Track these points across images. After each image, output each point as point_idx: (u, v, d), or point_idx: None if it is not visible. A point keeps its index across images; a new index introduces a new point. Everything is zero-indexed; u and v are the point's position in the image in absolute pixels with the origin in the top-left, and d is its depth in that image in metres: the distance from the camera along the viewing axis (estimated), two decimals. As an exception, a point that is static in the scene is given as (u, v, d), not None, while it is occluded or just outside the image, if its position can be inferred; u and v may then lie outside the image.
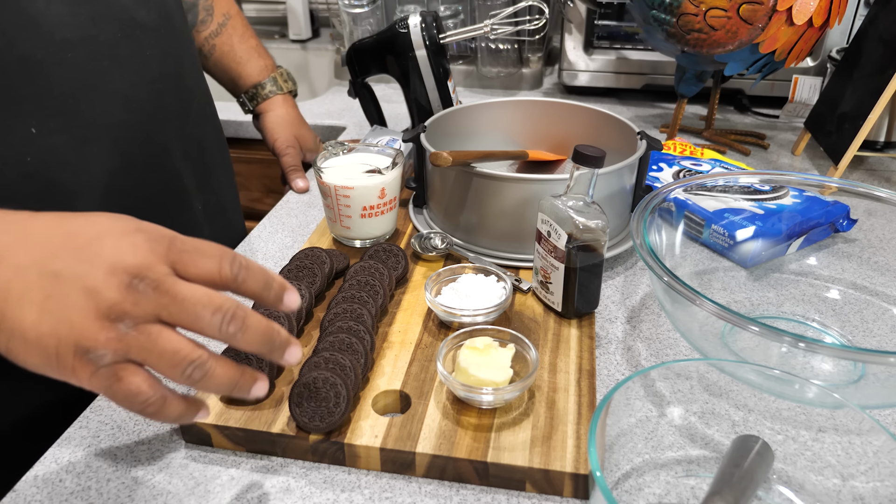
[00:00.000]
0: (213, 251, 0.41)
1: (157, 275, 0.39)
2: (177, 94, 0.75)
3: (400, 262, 0.71)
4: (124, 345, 0.38)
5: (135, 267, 0.38)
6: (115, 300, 0.38)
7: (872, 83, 0.90)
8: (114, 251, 0.39)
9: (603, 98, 1.29)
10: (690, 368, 0.53)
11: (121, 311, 0.38)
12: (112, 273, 0.38)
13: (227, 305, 0.40)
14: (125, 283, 0.38)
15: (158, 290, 0.38)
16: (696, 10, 0.89)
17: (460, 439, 0.51)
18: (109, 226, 0.41)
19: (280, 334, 0.42)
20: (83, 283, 0.38)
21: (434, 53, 0.91)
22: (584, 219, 0.60)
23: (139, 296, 0.38)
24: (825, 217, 0.77)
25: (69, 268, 0.38)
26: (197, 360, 0.39)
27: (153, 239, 0.40)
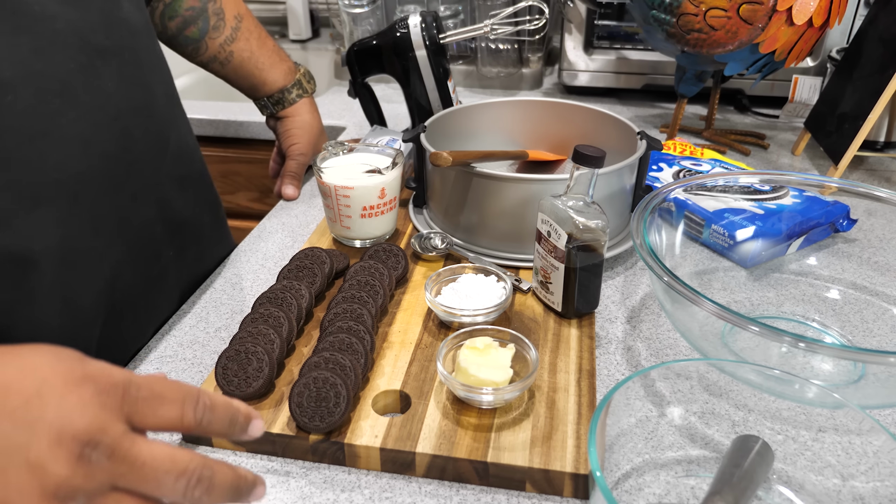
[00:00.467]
0: (174, 395, 0.36)
1: (111, 439, 0.33)
2: (149, 130, 0.66)
3: (400, 262, 0.71)
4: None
5: (85, 432, 0.32)
6: (63, 476, 0.32)
7: (872, 83, 0.90)
8: (59, 412, 0.32)
9: (603, 98, 1.29)
10: (690, 368, 0.53)
11: (71, 487, 0.32)
12: (58, 443, 0.32)
13: (192, 467, 0.35)
14: (75, 453, 0.32)
15: (114, 458, 0.33)
16: (696, 10, 0.89)
17: (460, 439, 0.51)
18: (49, 375, 0.34)
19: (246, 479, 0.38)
20: (24, 456, 0.32)
21: (434, 53, 0.91)
22: (584, 219, 0.60)
23: (92, 467, 0.32)
24: (825, 217, 0.77)
25: (5, 437, 0.32)
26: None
27: (103, 391, 0.34)
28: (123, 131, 0.62)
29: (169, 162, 0.70)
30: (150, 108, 0.67)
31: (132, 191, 0.64)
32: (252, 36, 0.90)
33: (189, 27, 0.84)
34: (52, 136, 0.55)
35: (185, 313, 0.70)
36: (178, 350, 0.64)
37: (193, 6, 0.83)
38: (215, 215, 0.82)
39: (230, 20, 0.87)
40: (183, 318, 0.69)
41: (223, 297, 0.72)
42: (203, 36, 0.86)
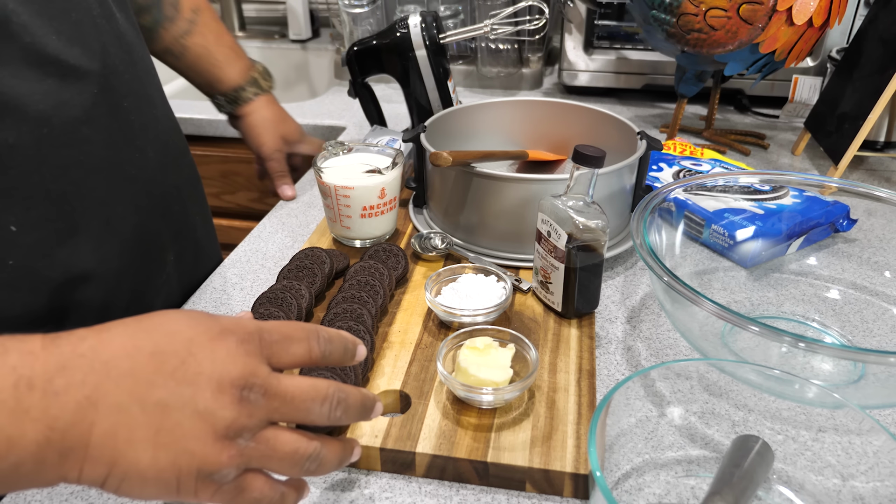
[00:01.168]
0: (300, 334, 0.40)
1: (262, 380, 0.37)
2: (158, 144, 0.68)
3: (400, 262, 0.71)
4: (246, 458, 0.37)
5: (240, 377, 0.37)
6: (231, 418, 0.36)
7: (872, 83, 0.90)
8: (213, 365, 0.36)
9: (603, 98, 1.29)
10: (690, 368, 0.53)
11: (239, 426, 0.36)
12: (220, 390, 0.36)
13: (331, 392, 0.40)
14: (236, 397, 0.36)
15: (268, 395, 0.37)
16: (696, 10, 0.89)
17: (460, 439, 0.51)
18: (194, 335, 0.38)
19: (369, 398, 0.43)
20: (193, 408, 0.36)
21: (434, 53, 0.91)
22: (584, 219, 0.60)
23: (252, 406, 0.37)
24: (825, 217, 0.77)
25: (173, 395, 0.36)
26: (313, 454, 0.39)
27: (244, 340, 0.38)
28: (140, 151, 0.65)
29: (173, 173, 0.72)
30: (156, 121, 0.69)
31: (148, 208, 0.67)
32: (209, 31, 0.88)
33: (143, 15, 0.83)
34: (83, 165, 0.57)
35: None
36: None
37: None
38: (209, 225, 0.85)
39: (186, 13, 0.86)
40: (183, 318, 0.69)
41: (223, 297, 0.72)
42: (157, 26, 0.84)
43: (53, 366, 0.34)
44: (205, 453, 0.35)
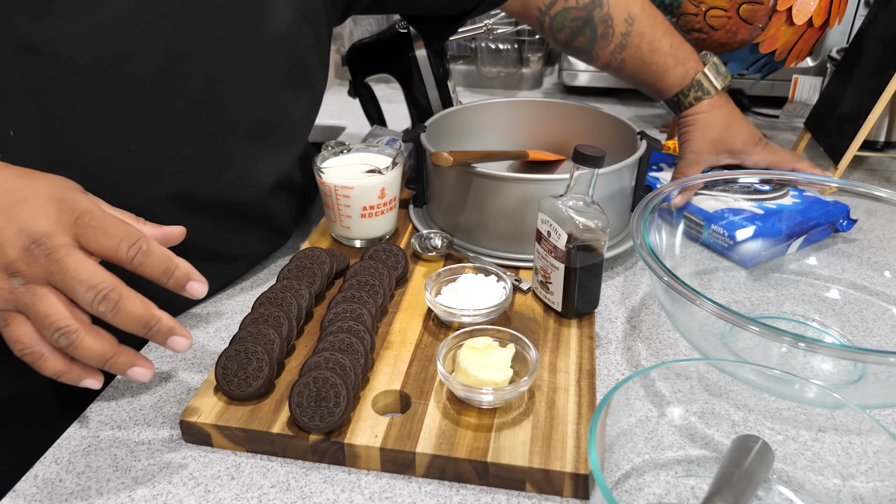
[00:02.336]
0: (117, 231, 0.46)
1: (52, 244, 0.44)
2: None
3: (400, 262, 0.70)
4: (13, 297, 0.44)
5: (37, 233, 0.44)
6: (13, 258, 0.44)
7: (872, 83, 0.90)
8: (29, 215, 0.44)
9: (603, 98, 1.29)
10: (690, 368, 0.53)
11: (15, 269, 0.44)
12: (18, 235, 0.44)
13: (103, 285, 0.44)
14: (24, 245, 0.44)
15: (49, 258, 0.44)
16: (696, 10, 0.89)
17: (460, 439, 0.51)
18: (41, 189, 0.46)
19: (160, 322, 0.46)
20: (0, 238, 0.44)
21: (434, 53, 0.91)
22: (584, 219, 0.60)
23: (32, 259, 0.44)
24: (825, 217, 0.77)
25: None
26: (64, 329, 0.44)
27: (64, 210, 0.45)
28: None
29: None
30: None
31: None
32: (644, 41, 0.82)
33: (577, 38, 0.82)
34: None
35: (185, 313, 0.70)
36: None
37: (579, 16, 0.81)
38: None
39: (619, 25, 0.82)
40: (183, 318, 0.69)
41: (223, 297, 0.72)
42: (592, 46, 0.83)
43: None
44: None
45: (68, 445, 0.54)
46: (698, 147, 0.84)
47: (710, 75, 0.83)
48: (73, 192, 0.47)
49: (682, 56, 0.84)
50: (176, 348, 0.48)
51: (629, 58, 0.83)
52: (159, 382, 0.60)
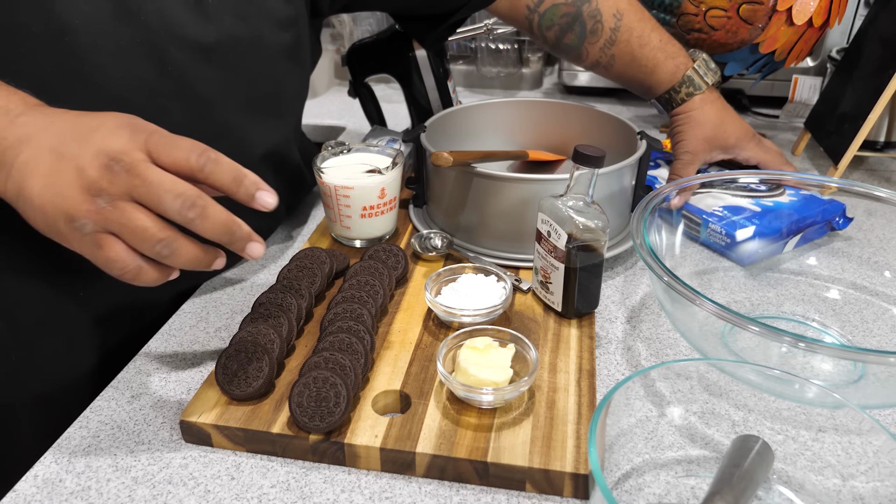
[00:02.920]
0: (186, 144, 0.46)
1: (131, 159, 0.44)
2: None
3: (400, 262, 0.70)
4: (102, 217, 0.44)
5: (114, 151, 0.44)
6: (94, 178, 0.44)
7: (872, 83, 0.90)
8: (102, 138, 0.45)
9: (603, 98, 1.29)
10: (690, 368, 0.53)
11: (99, 188, 0.44)
12: (96, 156, 0.44)
13: (189, 193, 0.45)
14: (104, 164, 0.44)
15: (130, 173, 0.44)
16: (696, 10, 0.89)
17: (460, 439, 0.51)
18: (108, 120, 0.47)
19: (241, 228, 0.47)
20: (76, 162, 0.44)
21: (434, 53, 0.91)
22: (584, 219, 0.60)
23: (114, 175, 0.44)
24: (822, 215, 0.77)
25: (70, 149, 0.45)
26: (164, 239, 0.45)
27: (136, 130, 0.46)
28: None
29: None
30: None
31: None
32: (633, 36, 0.82)
33: (566, 35, 0.82)
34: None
35: (186, 313, 0.70)
36: (178, 350, 0.64)
37: (568, 12, 0.80)
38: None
39: (608, 20, 0.81)
40: (183, 318, 0.69)
41: (223, 297, 0.72)
42: (581, 42, 0.82)
43: (19, 111, 0.47)
44: (70, 199, 0.44)
45: (68, 445, 0.54)
46: (693, 147, 0.84)
47: (700, 70, 0.83)
48: (139, 119, 0.48)
49: (672, 51, 0.84)
50: (253, 254, 0.48)
51: (619, 53, 0.82)
52: (159, 382, 0.60)
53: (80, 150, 0.45)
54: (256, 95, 0.70)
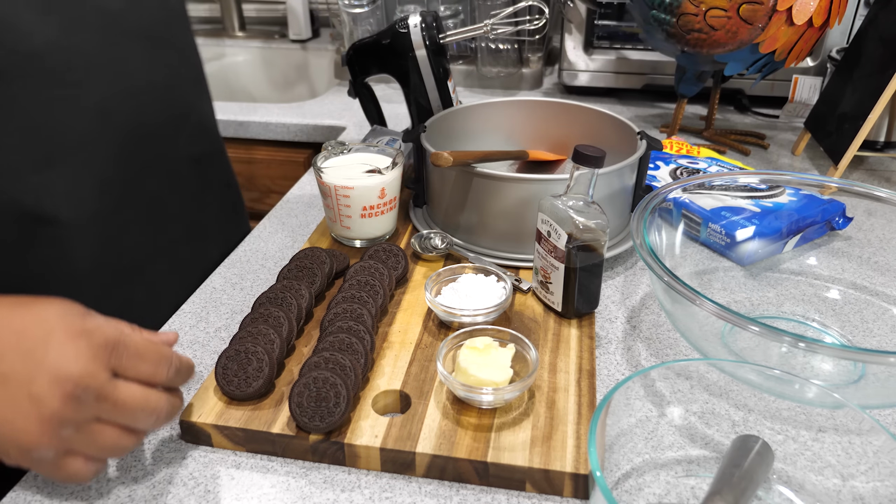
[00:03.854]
0: (153, 356, 0.45)
1: (98, 384, 0.42)
2: (167, 107, 0.71)
3: (400, 262, 0.71)
4: (65, 444, 0.41)
5: (78, 377, 0.41)
6: (57, 409, 0.40)
7: (872, 83, 0.90)
8: (58, 358, 0.40)
9: (603, 98, 1.29)
10: (690, 368, 0.53)
11: (63, 418, 0.40)
12: (56, 382, 0.40)
13: (160, 406, 0.46)
14: (68, 392, 0.40)
15: (99, 399, 0.42)
16: (696, 10, 0.89)
17: (460, 439, 0.51)
18: (55, 326, 0.42)
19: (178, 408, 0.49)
20: (28, 389, 0.40)
21: (434, 53, 0.91)
22: (584, 219, 0.60)
23: (81, 405, 0.41)
24: (821, 215, 0.77)
25: (16, 372, 0.40)
26: (129, 446, 0.45)
27: (97, 345, 0.42)
28: (140, 107, 0.67)
29: (185, 139, 0.74)
30: (172, 88, 0.72)
31: (142, 161, 0.68)
32: None
33: None
34: (69, 103, 0.59)
35: (185, 313, 0.70)
36: (178, 350, 0.64)
37: None
38: (230, 198, 0.86)
39: None
40: (183, 318, 0.69)
41: (223, 297, 0.72)
42: None
43: None
44: (26, 431, 0.40)
45: (68, 445, 0.54)
46: None
47: None
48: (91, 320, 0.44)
49: None
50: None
51: None
52: (159, 382, 0.60)
53: (32, 373, 0.40)
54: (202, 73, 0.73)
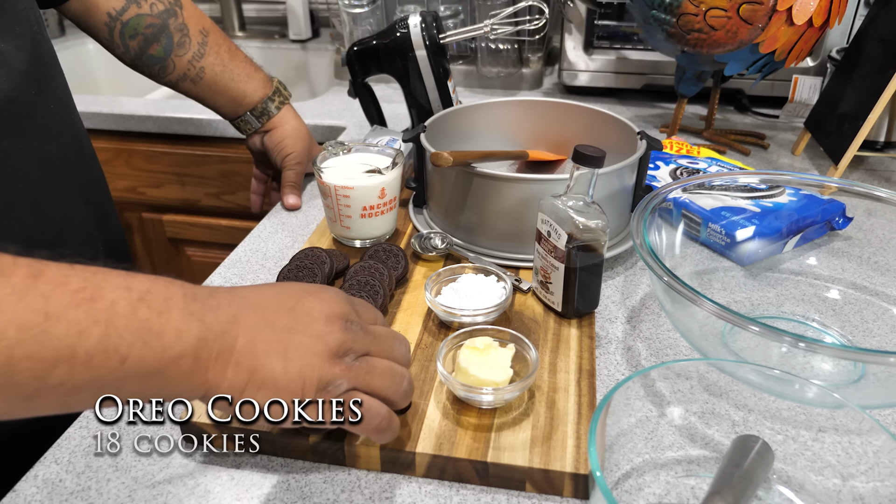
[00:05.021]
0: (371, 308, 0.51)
1: (358, 319, 0.47)
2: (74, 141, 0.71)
3: (400, 262, 0.70)
4: (353, 374, 0.44)
5: (342, 312, 0.46)
6: (340, 340, 0.44)
7: (872, 83, 0.90)
8: (321, 304, 0.45)
9: (603, 98, 1.29)
10: (690, 368, 0.53)
11: (346, 347, 0.44)
12: (329, 321, 0.45)
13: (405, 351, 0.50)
14: (342, 325, 0.45)
15: (364, 330, 0.47)
16: (696, 10, 0.89)
17: (460, 439, 0.51)
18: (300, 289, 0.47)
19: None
20: (311, 331, 0.44)
21: (434, 53, 0.91)
22: (584, 219, 0.60)
23: (354, 334, 0.45)
24: (821, 215, 0.77)
25: (296, 322, 0.44)
26: (406, 374, 0.48)
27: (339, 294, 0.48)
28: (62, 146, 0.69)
29: (87, 168, 0.74)
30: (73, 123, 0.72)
31: (71, 196, 0.70)
32: (222, 49, 0.86)
33: (152, 45, 0.81)
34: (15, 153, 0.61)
35: (185, 313, 0.70)
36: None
37: (153, 23, 0.80)
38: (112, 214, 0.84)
39: (195, 35, 0.84)
40: (183, 318, 0.69)
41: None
42: (168, 54, 0.82)
43: (207, 292, 0.42)
44: (322, 365, 0.43)
45: (68, 445, 0.54)
46: (300, 157, 0.92)
47: (281, 86, 0.91)
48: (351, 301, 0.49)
49: (257, 66, 0.90)
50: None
51: (209, 65, 0.85)
52: (159, 382, 0.60)
53: (306, 321, 0.44)
54: None
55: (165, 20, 0.82)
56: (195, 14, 0.85)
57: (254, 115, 0.89)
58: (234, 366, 0.41)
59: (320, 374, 0.43)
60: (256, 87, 0.88)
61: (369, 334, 0.47)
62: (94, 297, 0.36)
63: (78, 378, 0.35)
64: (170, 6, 0.82)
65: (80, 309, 0.36)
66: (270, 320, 0.43)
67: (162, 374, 0.38)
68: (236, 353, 0.41)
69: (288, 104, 0.92)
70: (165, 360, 0.38)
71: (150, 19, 0.81)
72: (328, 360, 0.43)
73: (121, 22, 0.80)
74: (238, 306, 0.43)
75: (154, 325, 0.37)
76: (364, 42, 0.94)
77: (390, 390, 0.46)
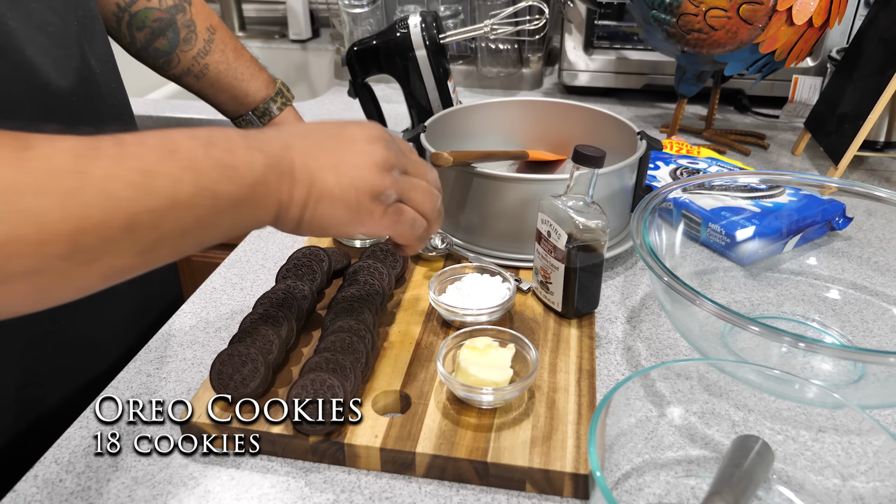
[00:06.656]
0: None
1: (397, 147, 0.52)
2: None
3: (399, 261, 0.70)
4: (399, 185, 0.50)
5: (381, 136, 0.50)
6: (385, 155, 0.49)
7: (872, 83, 0.90)
8: (361, 129, 0.50)
9: (603, 98, 1.29)
10: (690, 368, 0.53)
11: (390, 163, 0.50)
12: (371, 141, 0.50)
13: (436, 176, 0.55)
14: (383, 146, 0.50)
15: (402, 152, 0.52)
16: (696, 10, 0.89)
17: (460, 439, 0.51)
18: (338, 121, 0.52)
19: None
20: (358, 149, 0.49)
21: (434, 53, 0.91)
22: (584, 219, 0.60)
23: (395, 154, 0.50)
24: (821, 215, 0.77)
25: (341, 144, 0.49)
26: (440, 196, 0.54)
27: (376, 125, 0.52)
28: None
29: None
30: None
31: None
32: (227, 47, 0.86)
33: (158, 39, 0.81)
34: None
35: (185, 313, 0.70)
36: (178, 350, 0.64)
37: (161, 17, 0.81)
38: None
39: (202, 32, 0.84)
40: (183, 318, 0.69)
41: (223, 297, 0.72)
42: (174, 48, 0.82)
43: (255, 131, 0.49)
44: (372, 177, 0.48)
45: (68, 445, 0.54)
46: None
47: (284, 87, 0.91)
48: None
49: (262, 66, 0.90)
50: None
51: (213, 62, 0.85)
52: (159, 382, 0.60)
53: (351, 140, 0.49)
54: None
55: (173, 15, 0.82)
56: (203, 11, 0.85)
57: (255, 114, 0.89)
58: (296, 183, 0.46)
59: (371, 184, 0.48)
60: (259, 87, 0.88)
61: (406, 157, 0.52)
62: (174, 150, 0.41)
63: (185, 222, 0.41)
64: (179, 2, 0.82)
65: (169, 161, 0.40)
66: (319, 144, 0.49)
67: (246, 203, 0.44)
68: (296, 172, 0.46)
69: (290, 106, 0.91)
70: (245, 189, 0.43)
71: (158, 13, 0.81)
72: (377, 172, 0.48)
73: (129, 13, 0.80)
74: (287, 137, 0.48)
75: (228, 162, 0.43)
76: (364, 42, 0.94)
77: (428, 206, 0.52)
